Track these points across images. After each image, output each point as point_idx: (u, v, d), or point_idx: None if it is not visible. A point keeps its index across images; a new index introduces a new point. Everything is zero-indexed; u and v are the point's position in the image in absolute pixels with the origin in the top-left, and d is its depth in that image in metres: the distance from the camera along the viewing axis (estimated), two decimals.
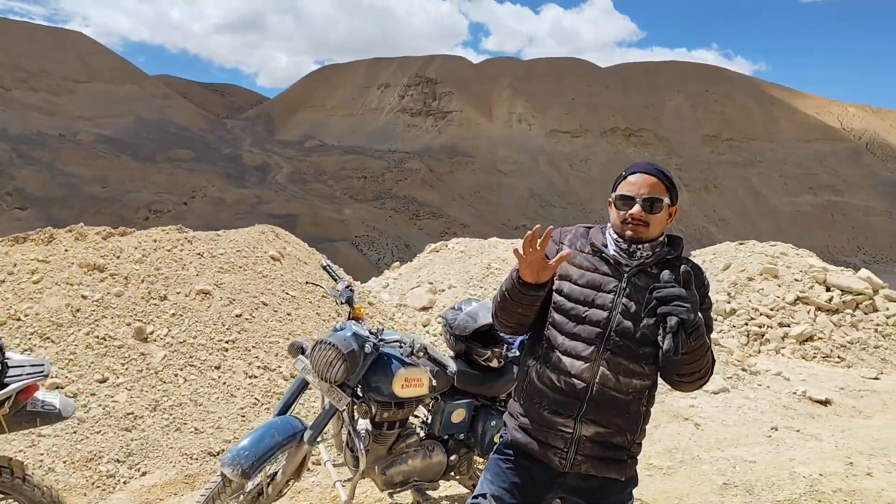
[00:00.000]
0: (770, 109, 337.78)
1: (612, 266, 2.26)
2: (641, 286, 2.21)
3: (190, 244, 6.34)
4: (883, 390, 7.55)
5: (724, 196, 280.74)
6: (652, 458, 5.22)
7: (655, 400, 6.58)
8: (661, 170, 2.31)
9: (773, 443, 5.71)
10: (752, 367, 7.90)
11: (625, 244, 2.26)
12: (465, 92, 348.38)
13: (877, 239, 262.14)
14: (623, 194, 2.27)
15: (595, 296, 2.23)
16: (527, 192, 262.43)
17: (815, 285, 9.75)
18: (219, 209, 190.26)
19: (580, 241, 2.35)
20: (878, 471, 5.05)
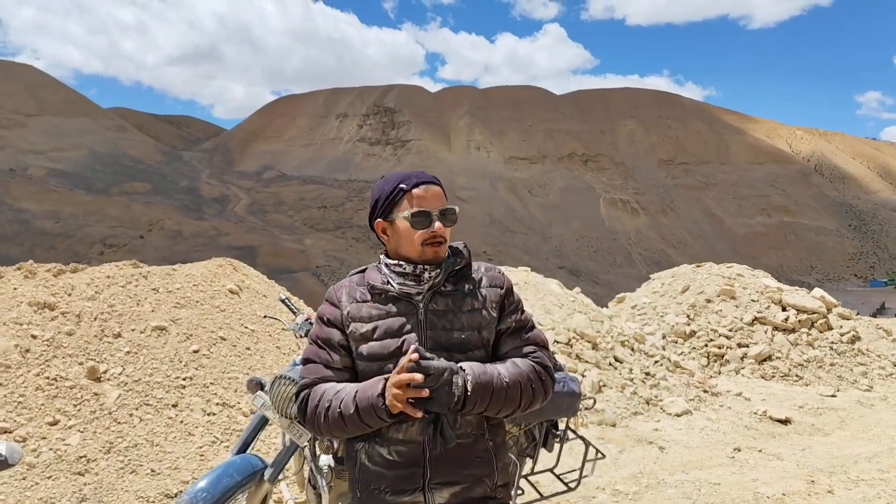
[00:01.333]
0: (722, 133, 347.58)
1: (402, 302, 2.01)
2: (442, 309, 2.02)
3: (145, 279, 6.19)
4: (840, 407, 7.69)
5: (680, 219, 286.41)
6: (618, 484, 5.21)
7: (619, 425, 6.42)
8: (434, 177, 2.12)
9: (736, 464, 5.74)
10: (714, 388, 7.98)
11: (411, 269, 2.00)
12: (423, 120, 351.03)
13: (828, 257, 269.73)
14: (420, 210, 2.00)
15: (396, 343, 1.96)
16: (487, 218, 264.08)
17: (771, 305, 9.94)
18: (176, 242, 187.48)
19: (358, 290, 2.06)
20: (838, 488, 5.11)
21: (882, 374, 8.91)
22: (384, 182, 2.10)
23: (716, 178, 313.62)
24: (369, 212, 2.11)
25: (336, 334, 2.03)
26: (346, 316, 2.02)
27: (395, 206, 2.03)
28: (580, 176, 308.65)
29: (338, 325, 2.03)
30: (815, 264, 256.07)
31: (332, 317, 2.05)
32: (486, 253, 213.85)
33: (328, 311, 2.07)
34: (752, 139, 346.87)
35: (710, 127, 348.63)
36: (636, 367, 7.78)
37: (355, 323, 2.01)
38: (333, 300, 2.08)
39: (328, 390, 1.95)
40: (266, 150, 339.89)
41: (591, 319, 8.29)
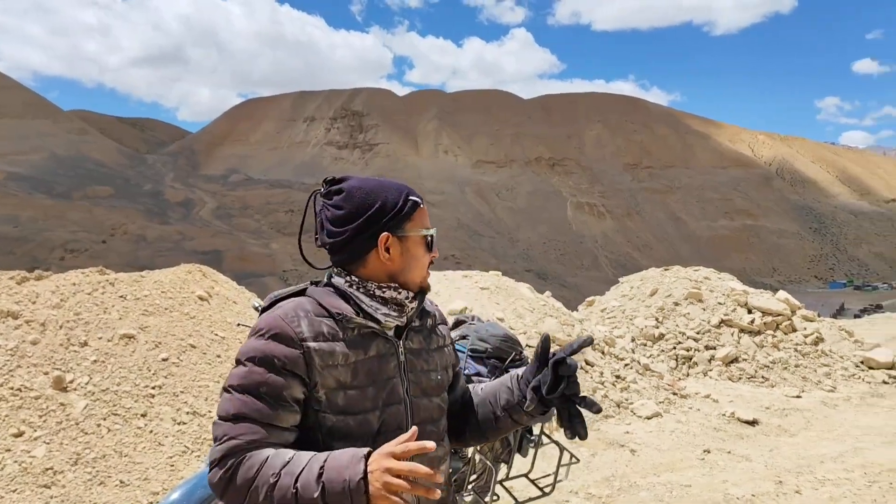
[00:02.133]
0: (686, 138, 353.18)
1: (379, 340, 1.63)
2: (417, 348, 1.72)
3: (112, 286, 6.08)
4: (805, 408, 7.84)
5: (645, 222, 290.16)
6: (590, 488, 5.24)
7: (590, 429, 6.49)
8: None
9: (706, 465, 5.82)
10: (683, 390, 8.09)
11: (406, 298, 1.67)
12: (391, 124, 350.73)
13: (790, 260, 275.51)
14: (432, 231, 1.73)
15: (378, 392, 1.59)
16: (455, 222, 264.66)
17: (737, 308, 10.10)
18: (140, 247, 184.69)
19: (324, 323, 1.58)
20: (805, 488, 5.21)
21: (845, 374, 9.10)
22: (381, 188, 1.67)
23: (680, 182, 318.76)
24: (363, 219, 1.62)
25: (293, 384, 1.51)
26: (313, 358, 1.52)
27: (408, 220, 1.66)
28: (547, 180, 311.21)
29: (296, 370, 1.51)
30: (777, 266, 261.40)
31: (289, 359, 1.51)
32: (454, 257, 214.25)
33: (279, 350, 1.51)
34: (715, 144, 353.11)
35: (674, 132, 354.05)
36: (607, 370, 7.85)
37: (327, 368, 1.53)
38: (287, 335, 1.53)
39: (272, 459, 1.43)
40: (232, 153, 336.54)
41: (561, 323, 8.34)
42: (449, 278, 9.12)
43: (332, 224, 1.66)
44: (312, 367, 1.51)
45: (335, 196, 1.67)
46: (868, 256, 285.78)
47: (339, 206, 1.64)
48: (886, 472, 5.58)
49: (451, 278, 9.12)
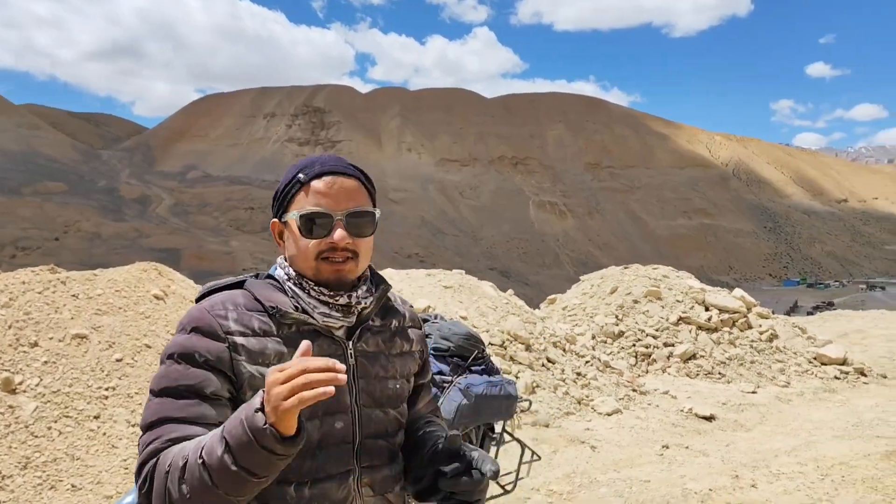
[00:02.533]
0: (646, 138, 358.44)
1: (324, 339, 1.44)
2: (373, 351, 1.52)
3: (63, 285, 5.90)
4: (760, 403, 8.00)
5: (606, 221, 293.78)
6: (552, 485, 5.27)
7: (552, 426, 6.48)
8: (355, 166, 1.54)
9: (665, 461, 5.90)
10: (642, 387, 8.18)
11: (339, 296, 1.46)
12: (353, 121, 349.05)
13: (745, 258, 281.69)
14: (314, 211, 1.43)
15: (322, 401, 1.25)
16: (418, 220, 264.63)
17: (695, 305, 10.27)
18: (94, 244, 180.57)
19: (255, 317, 1.42)
20: (761, 482, 5.31)
21: (798, 370, 9.32)
22: (295, 167, 1.52)
23: (640, 182, 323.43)
24: (273, 203, 1.56)
25: (214, 381, 1.34)
26: (239, 354, 1.36)
27: (291, 201, 1.48)
28: (510, 178, 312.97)
29: (220, 366, 1.35)
30: (733, 265, 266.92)
31: (211, 354, 1.35)
32: (417, 255, 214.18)
33: (201, 344, 1.36)
34: (674, 144, 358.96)
35: (634, 132, 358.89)
36: (568, 367, 7.91)
37: (253, 365, 1.36)
38: (211, 328, 1.37)
39: (183, 446, 1.26)
40: (190, 149, 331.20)
41: (524, 321, 8.37)
42: (412, 277, 9.09)
43: None
44: (238, 365, 1.36)
45: None
46: (820, 255, 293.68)
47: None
48: (838, 465, 5.71)
49: (413, 277, 9.09)
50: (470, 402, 3.65)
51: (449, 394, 3.69)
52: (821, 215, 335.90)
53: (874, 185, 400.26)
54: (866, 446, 6.27)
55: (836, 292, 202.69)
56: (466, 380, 3.75)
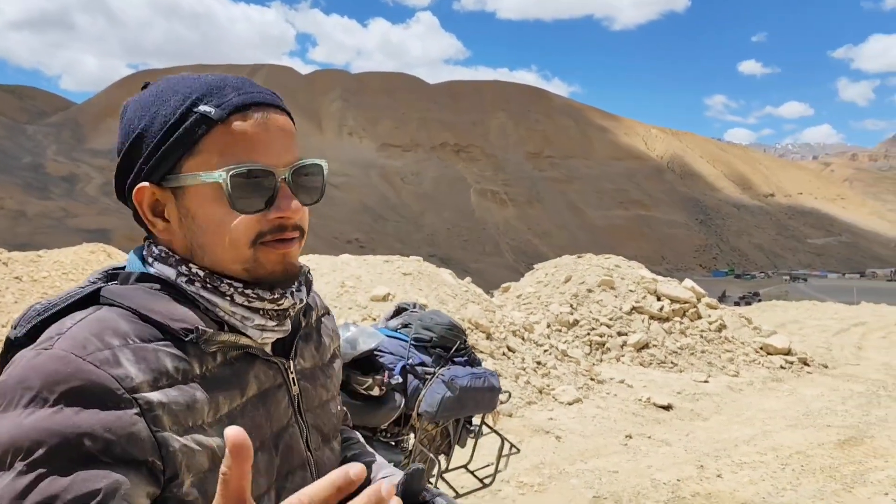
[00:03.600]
0: (586, 130, 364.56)
1: (258, 362, 0.94)
2: (310, 368, 1.05)
3: (6, 266, 5.52)
4: (713, 392, 8.15)
5: (546, 210, 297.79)
6: (522, 476, 5.22)
7: (515, 415, 6.40)
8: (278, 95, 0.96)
9: (629, 451, 5.92)
10: (598, 375, 8.24)
11: (282, 299, 0.93)
12: (293, 103, 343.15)
13: (678, 249, 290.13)
14: (255, 168, 0.87)
15: (270, 457, 0.92)
16: (359, 205, 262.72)
17: (647, 295, 10.40)
18: (18, 223, 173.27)
19: (163, 353, 0.82)
20: (726, 472, 5.38)
21: (746, 360, 9.54)
22: (155, 95, 0.90)
23: (579, 173, 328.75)
24: (120, 159, 0.91)
25: (126, 484, 0.72)
26: (161, 422, 0.78)
27: (187, 151, 0.87)
28: (452, 166, 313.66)
29: (134, 452, 0.74)
30: (665, 255, 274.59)
31: (114, 433, 0.73)
32: (358, 240, 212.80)
33: (90, 421, 0.72)
34: (613, 136, 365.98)
35: (575, 123, 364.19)
36: (528, 356, 7.89)
37: (186, 435, 0.80)
38: (100, 387, 0.74)
39: None
40: None
41: (484, 310, 8.31)
42: (370, 263, 8.91)
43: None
44: (165, 441, 0.77)
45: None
46: (748, 247, 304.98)
47: (118, 133, 0.94)
48: (796, 454, 5.85)
49: (372, 263, 8.92)
50: (454, 395, 3.55)
51: (432, 386, 3.59)
52: (749, 209, 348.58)
53: (799, 180, 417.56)
54: (819, 435, 6.45)
55: (762, 283, 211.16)
56: (450, 371, 3.65)
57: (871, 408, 7.52)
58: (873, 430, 6.61)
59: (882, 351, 11.53)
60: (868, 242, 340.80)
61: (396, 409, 3.59)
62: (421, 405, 3.54)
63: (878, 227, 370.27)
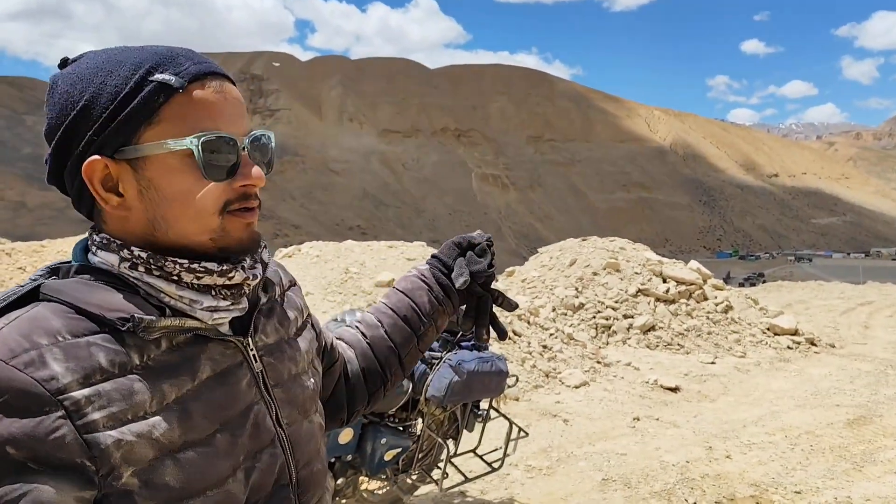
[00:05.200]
0: (587, 112, 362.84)
1: (212, 343, 0.90)
2: (274, 342, 1.02)
3: (9, 257, 5.51)
4: (720, 374, 8.12)
5: (547, 194, 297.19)
6: (529, 459, 5.20)
7: (521, 399, 6.39)
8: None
9: (637, 433, 5.90)
10: (605, 359, 8.21)
11: (234, 271, 0.90)
12: (293, 90, 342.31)
13: (681, 231, 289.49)
14: (222, 136, 0.85)
15: (234, 438, 0.89)
16: (360, 191, 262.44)
17: (653, 277, 10.35)
18: (19, 214, 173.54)
19: (96, 348, 0.78)
20: (735, 453, 5.36)
21: (753, 341, 9.51)
22: (105, 66, 0.85)
23: (581, 156, 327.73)
24: (61, 132, 0.85)
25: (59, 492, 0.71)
26: (91, 421, 0.74)
27: (145, 121, 0.83)
28: (453, 150, 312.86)
29: (62, 456, 0.72)
30: (669, 237, 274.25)
31: (37, 438, 0.71)
32: (359, 227, 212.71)
33: (14, 430, 0.70)
34: (614, 118, 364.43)
35: (576, 106, 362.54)
36: (534, 340, 7.86)
37: (122, 426, 0.77)
38: (24, 392, 0.71)
39: None
40: None
41: None
42: (374, 249, 8.87)
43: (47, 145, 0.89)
44: (95, 440, 0.74)
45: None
46: (752, 228, 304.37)
47: (45, 111, 0.88)
48: (805, 434, 5.82)
49: (375, 249, 8.88)
50: (462, 379, 3.53)
51: (439, 370, 3.56)
52: (753, 190, 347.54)
53: (803, 160, 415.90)
54: (828, 415, 6.42)
55: (766, 264, 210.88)
56: (457, 356, 3.62)
57: (879, 387, 7.49)
58: (882, 408, 6.58)
59: (889, 330, 11.49)
60: (872, 222, 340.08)
61: (404, 394, 3.57)
62: (428, 390, 3.51)
63: (882, 207, 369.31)
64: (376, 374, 1.31)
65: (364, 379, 1.31)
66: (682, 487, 4.68)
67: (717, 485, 4.74)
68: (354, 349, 1.32)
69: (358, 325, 1.36)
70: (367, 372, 1.31)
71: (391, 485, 3.74)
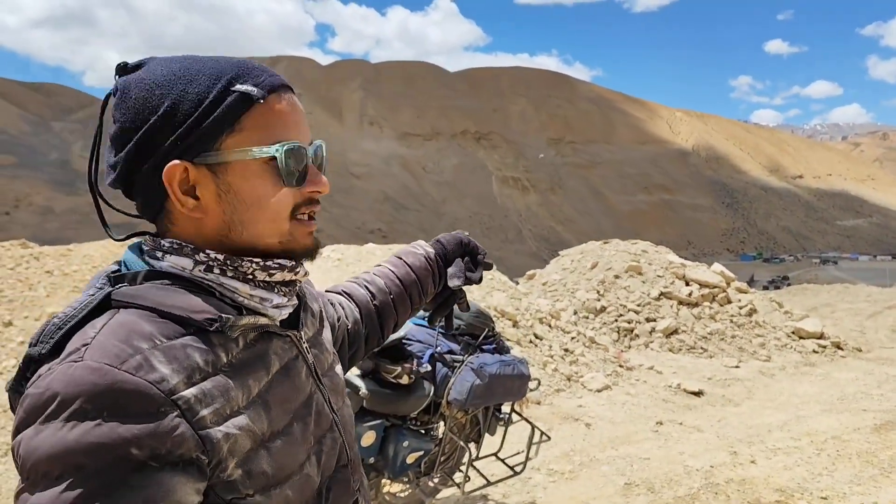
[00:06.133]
0: (608, 114, 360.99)
1: (274, 339, 0.96)
2: (312, 335, 1.10)
3: (37, 261, 5.59)
4: (745, 378, 8.04)
5: (568, 196, 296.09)
6: (551, 463, 5.19)
7: (543, 403, 6.39)
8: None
9: (661, 437, 5.86)
10: (628, 362, 8.16)
11: (297, 269, 0.98)
12: (314, 94, 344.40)
13: (703, 233, 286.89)
14: (298, 146, 0.92)
15: (305, 425, 0.97)
16: (381, 195, 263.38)
17: (675, 280, 10.27)
18: (46, 219, 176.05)
19: (191, 349, 0.82)
20: (759, 458, 5.30)
21: (778, 344, 9.40)
22: (182, 75, 0.88)
23: (602, 158, 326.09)
24: (140, 136, 0.87)
25: (179, 487, 0.77)
26: (202, 418, 0.80)
27: (226, 129, 0.88)
28: (473, 153, 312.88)
29: (181, 452, 0.77)
30: (691, 239, 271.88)
31: (158, 438, 0.75)
32: (380, 230, 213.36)
33: (136, 431, 0.73)
34: (635, 120, 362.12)
35: (597, 107, 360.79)
36: (555, 343, 7.83)
37: (225, 422, 0.83)
38: (139, 394, 0.75)
39: None
40: None
41: (510, 297, 8.26)
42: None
43: (110, 150, 0.93)
44: (207, 436, 0.80)
45: (113, 98, 0.93)
46: (776, 230, 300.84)
47: (113, 116, 0.91)
48: (831, 439, 5.74)
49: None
50: (483, 382, 3.53)
51: (461, 373, 3.56)
52: (777, 191, 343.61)
53: (828, 161, 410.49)
54: (854, 420, 6.33)
55: (791, 266, 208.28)
56: (479, 359, 3.62)
57: None
58: None
59: None
60: None
61: (426, 397, 3.58)
62: (450, 393, 3.51)
63: None
64: (373, 334, 1.41)
65: (359, 335, 1.40)
66: (706, 492, 4.64)
67: (742, 490, 4.69)
68: (360, 309, 1.39)
69: (368, 286, 1.43)
70: (366, 333, 1.40)
71: (413, 488, 3.75)
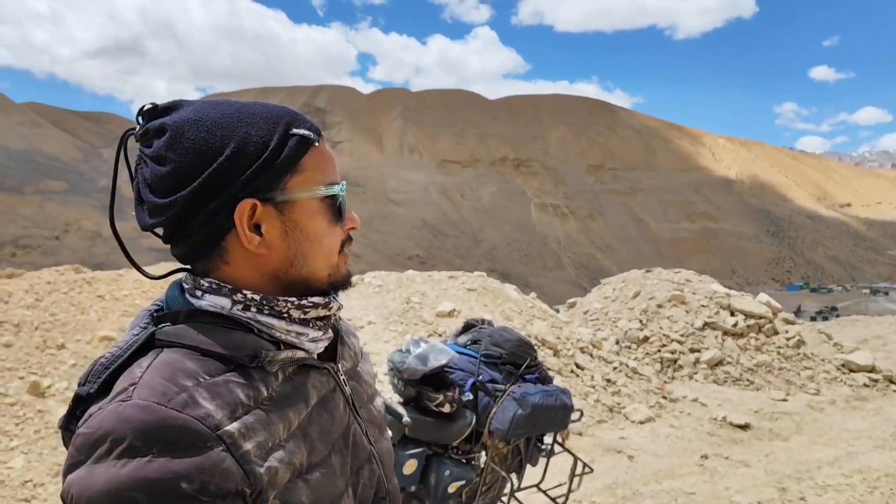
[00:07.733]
0: (649, 140, 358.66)
1: (312, 371, 1.00)
2: (350, 367, 1.14)
3: (89, 286, 5.76)
4: (793, 411, 7.83)
5: (608, 223, 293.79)
6: (594, 496, 5.11)
7: (585, 434, 6.33)
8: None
9: (706, 472, 5.73)
10: (671, 394, 8.02)
11: (323, 301, 1.00)
12: (355, 122, 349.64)
13: (748, 262, 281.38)
14: (344, 184, 1.02)
15: (343, 457, 1.00)
16: (419, 221, 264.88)
17: (720, 311, 10.09)
18: (95, 244, 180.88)
19: (233, 384, 0.86)
20: (809, 495, 5.15)
21: (827, 377, 9.14)
22: (238, 118, 0.93)
23: (642, 185, 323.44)
24: (205, 177, 0.88)
25: None
26: (246, 453, 0.83)
27: (291, 170, 0.94)
28: (511, 180, 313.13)
29: (228, 486, 0.80)
30: (735, 268, 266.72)
31: (208, 473, 0.78)
32: (418, 256, 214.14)
33: (183, 466, 0.77)
34: (677, 147, 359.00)
35: (638, 134, 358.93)
36: (597, 373, 7.74)
37: (268, 457, 0.86)
38: (187, 431, 0.79)
39: None
40: None
41: (550, 326, 8.21)
42: (435, 279, 8.93)
43: (153, 191, 0.91)
44: (252, 471, 0.83)
45: (155, 140, 0.91)
46: (823, 259, 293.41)
47: (162, 156, 0.90)
48: (884, 477, 5.55)
49: (437, 279, 8.93)
50: (525, 412, 3.51)
51: (503, 403, 3.55)
52: (824, 220, 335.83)
53: (877, 189, 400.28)
54: None
55: (839, 297, 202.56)
56: (521, 389, 3.61)
57: None
58: None
59: None
60: None
61: (468, 426, 3.57)
62: (492, 422, 3.50)
63: None
64: None
65: None
66: None
67: None
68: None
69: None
70: None
71: None
